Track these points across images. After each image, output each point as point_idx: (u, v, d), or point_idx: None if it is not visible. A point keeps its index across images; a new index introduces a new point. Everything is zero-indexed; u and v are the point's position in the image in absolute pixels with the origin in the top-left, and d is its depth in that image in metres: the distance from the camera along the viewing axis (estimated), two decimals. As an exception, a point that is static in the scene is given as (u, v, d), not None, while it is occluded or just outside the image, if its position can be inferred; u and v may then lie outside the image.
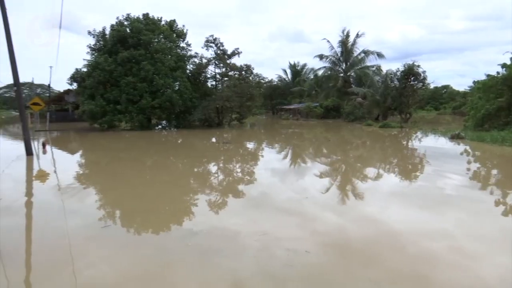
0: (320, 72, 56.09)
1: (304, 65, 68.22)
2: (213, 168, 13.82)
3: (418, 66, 32.48)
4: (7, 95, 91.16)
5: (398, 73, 33.96)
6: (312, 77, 62.10)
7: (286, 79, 69.87)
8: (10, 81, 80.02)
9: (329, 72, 52.75)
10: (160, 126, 34.86)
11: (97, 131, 30.48)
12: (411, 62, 32.57)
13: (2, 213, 7.49)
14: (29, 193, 9.92)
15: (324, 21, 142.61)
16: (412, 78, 32.94)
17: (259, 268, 4.78)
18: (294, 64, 69.68)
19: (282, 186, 10.03)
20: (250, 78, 37.08)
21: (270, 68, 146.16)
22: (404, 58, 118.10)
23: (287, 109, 57.60)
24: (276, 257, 5.09)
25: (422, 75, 32.62)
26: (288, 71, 70.20)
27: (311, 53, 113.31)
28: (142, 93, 30.63)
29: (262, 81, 44.08)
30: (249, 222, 6.78)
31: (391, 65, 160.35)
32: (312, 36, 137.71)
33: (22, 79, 16.40)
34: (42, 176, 11.95)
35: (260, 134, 30.15)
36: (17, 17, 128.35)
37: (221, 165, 14.35)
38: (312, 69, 63.83)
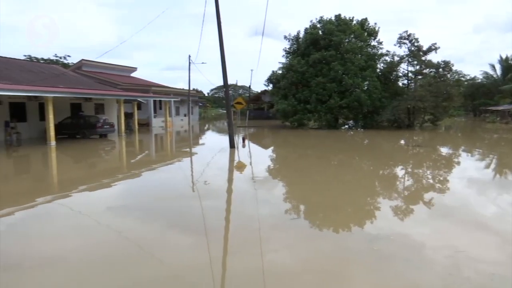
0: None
1: (521, 58, 57.36)
2: (400, 171, 13.07)
3: None
4: (216, 95, 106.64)
5: None
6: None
7: (494, 75, 60.14)
8: (220, 83, 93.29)
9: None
10: (346, 126, 34.95)
11: (288, 129, 32.68)
12: None
13: (208, 195, 8.86)
14: (229, 180, 11.40)
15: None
16: None
17: None
18: (507, 57, 59.32)
19: (480, 199, 8.73)
20: (448, 75, 33.44)
21: (472, 64, 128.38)
22: None
23: (493, 111, 49.63)
24: (474, 282, 4.45)
25: None
26: (497, 66, 60.19)
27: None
28: (331, 93, 31.32)
29: (462, 78, 39.20)
30: (437, 234, 6.15)
31: None
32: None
33: (229, 81, 18.95)
34: (241, 167, 13.53)
35: (456, 138, 26.90)
36: (225, 26, 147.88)
37: (409, 169, 13.43)
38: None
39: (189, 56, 44.05)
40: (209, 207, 7.81)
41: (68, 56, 55.84)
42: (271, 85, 37.89)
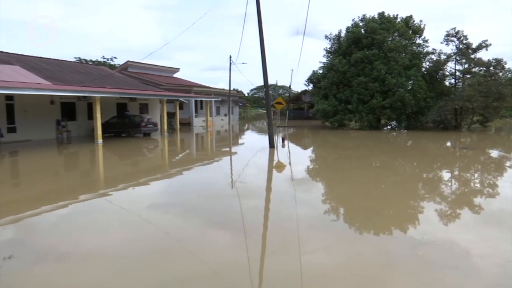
0: None
1: None
2: (445, 174, 12.54)
3: None
4: (256, 95, 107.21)
5: None
6: None
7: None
8: (260, 83, 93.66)
9: None
10: (389, 127, 34.01)
11: (328, 129, 32.29)
12: None
13: (247, 195, 8.92)
14: (268, 180, 11.42)
15: None
16: None
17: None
18: None
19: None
20: (500, 74, 31.65)
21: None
22: None
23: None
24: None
25: None
26: (556, 64, 56.21)
27: None
28: (373, 93, 30.61)
29: (516, 77, 36.92)
30: (486, 242, 5.84)
31: None
32: None
33: (269, 81, 19.02)
34: (280, 167, 13.52)
35: (508, 141, 25.45)
36: (266, 26, 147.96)
37: (455, 172, 12.87)
38: None
39: (230, 57, 44.62)
40: (248, 206, 7.87)
41: (115, 57, 58.34)
42: (311, 85, 37.64)
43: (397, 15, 33.56)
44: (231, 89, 46.15)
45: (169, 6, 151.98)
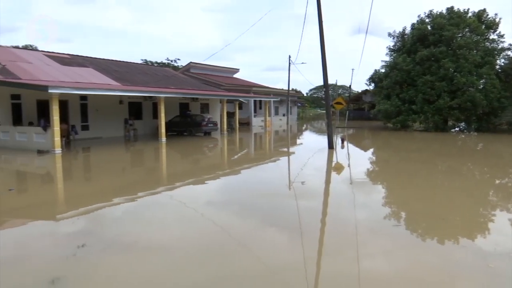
0: None
1: None
2: (521, 181, 11.56)
3: None
4: (315, 95, 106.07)
5: None
6: None
7: None
8: (319, 83, 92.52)
9: None
10: (457, 129, 32.01)
11: (389, 130, 31.11)
12: None
13: (305, 195, 8.86)
14: (326, 181, 11.25)
15: None
16: None
17: None
18: None
19: None
20: None
21: None
22: None
23: None
24: None
25: None
26: None
27: None
28: (439, 93, 28.96)
29: None
30: None
31: None
32: None
33: (328, 81, 18.73)
34: (339, 168, 13.27)
35: None
36: (326, 25, 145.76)
37: (533, 178, 11.82)
38: None
39: (289, 57, 44.57)
40: (305, 207, 7.82)
41: (178, 59, 60.62)
42: (372, 85, 36.45)
43: (468, 9, 31.42)
44: (290, 89, 46.07)
45: (229, 8, 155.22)
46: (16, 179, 11.83)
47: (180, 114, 27.54)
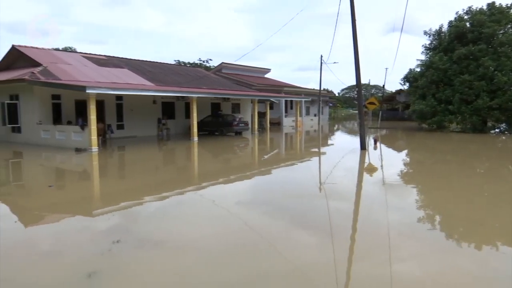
0: None
1: None
2: None
3: None
4: (347, 95, 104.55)
5: None
6: None
7: None
8: (351, 83, 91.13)
9: None
10: (497, 130, 30.65)
11: (424, 131, 30.23)
12: None
13: (335, 196, 8.76)
14: (358, 183, 11.07)
15: None
16: None
17: None
18: None
19: None
20: None
21: None
22: None
23: None
24: None
25: None
26: None
27: None
28: (478, 93, 27.83)
29: None
30: None
31: None
32: None
33: (361, 80, 18.45)
34: (371, 169, 13.03)
35: None
36: (360, 23, 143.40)
37: None
38: None
39: (321, 56, 44.15)
40: (335, 208, 7.73)
41: (210, 59, 61.39)
42: (407, 84, 35.49)
43: (511, 4, 30.05)
44: (322, 89, 45.63)
45: (260, 8, 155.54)
46: (55, 176, 12.35)
47: (211, 114, 27.86)
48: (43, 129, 18.83)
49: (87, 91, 15.98)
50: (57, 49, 28.68)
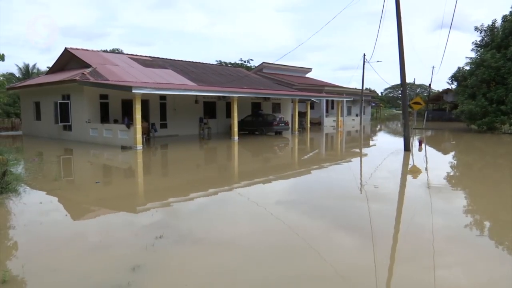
0: None
1: None
2: None
3: None
4: (390, 95, 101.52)
5: None
6: None
7: None
8: (395, 82, 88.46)
9: None
10: (555, 132, 28.68)
11: (473, 133, 28.81)
12: None
13: (377, 199, 8.55)
14: (402, 185, 10.74)
15: None
16: None
17: None
18: None
19: None
20: None
21: None
22: None
23: None
24: None
25: None
26: None
27: None
28: (534, 92, 26.17)
29: None
30: None
31: None
32: None
33: (406, 80, 17.89)
34: (415, 172, 12.60)
35: None
36: (405, 21, 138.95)
37: None
38: None
39: (364, 55, 43.19)
40: (377, 211, 7.55)
41: (251, 59, 61.86)
42: (455, 83, 33.97)
43: None
44: (364, 88, 44.66)
45: (301, 8, 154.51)
46: (102, 172, 12.91)
47: (252, 114, 28.03)
48: (92, 127, 19.75)
49: (133, 91, 16.60)
50: (105, 51, 29.96)
